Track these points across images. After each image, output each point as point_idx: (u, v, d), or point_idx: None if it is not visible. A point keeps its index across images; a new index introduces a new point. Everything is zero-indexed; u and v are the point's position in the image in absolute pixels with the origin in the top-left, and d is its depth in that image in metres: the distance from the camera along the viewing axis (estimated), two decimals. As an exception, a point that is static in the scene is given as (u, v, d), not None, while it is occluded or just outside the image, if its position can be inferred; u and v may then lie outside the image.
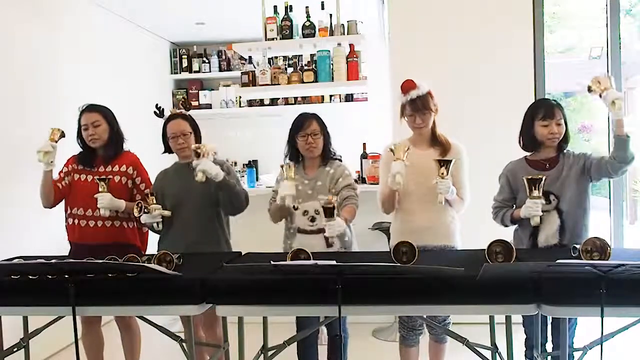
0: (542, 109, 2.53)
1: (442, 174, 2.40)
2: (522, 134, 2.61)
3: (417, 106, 2.57)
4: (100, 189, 2.70)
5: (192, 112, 2.93)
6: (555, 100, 2.60)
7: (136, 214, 2.68)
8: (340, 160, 2.84)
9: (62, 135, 2.80)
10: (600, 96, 2.35)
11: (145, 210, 2.66)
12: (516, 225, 2.63)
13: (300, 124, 2.73)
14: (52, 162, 2.75)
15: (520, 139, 2.63)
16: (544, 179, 2.37)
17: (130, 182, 2.89)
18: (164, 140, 2.85)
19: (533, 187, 2.36)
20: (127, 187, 2.88)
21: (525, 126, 2.59)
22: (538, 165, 2.56)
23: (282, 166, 2.65)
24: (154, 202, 2.69)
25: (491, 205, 2.67)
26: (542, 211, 2.45)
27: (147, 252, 2.95)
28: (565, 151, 2.58)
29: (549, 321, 2.62)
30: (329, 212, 2.43)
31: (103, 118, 2.86)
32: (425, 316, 2.42)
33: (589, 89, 2.39)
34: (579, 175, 2.50)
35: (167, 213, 2.72)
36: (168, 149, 2.87)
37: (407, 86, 2.59)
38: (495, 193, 2.68)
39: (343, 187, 2.71)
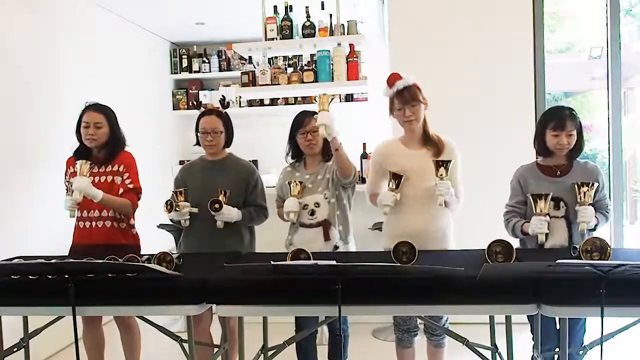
0: (554, 119, 2.49)
1: (442, 175, 2.39)
2: (536, 140, 2.59)
3: (405, 98, 2.54)
4: (80, 172, 2.64)
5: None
6: (570, 109, 2.52)
7: (166, 212, 2.68)
8: None
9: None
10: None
11: (176, 208, 2.66)
12: (523, 237, 2.61)
13: (300, 121, 2.75)
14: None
15: (534, 144, 2.61)
16: (550, 195, 2.37)
17: (119, 179, 2.86)
18: (197, 133, 2.84)
19: (539, 204, 2.36)
20: (115, 184, 2.84)
21: (537, 132, 2.57)
22: (549, 171, 2.53)
23: (289, 183, 2.68)
24: (183, 199, 2.70)
25: (504, 212, 2.62)
26: (552, 217, 2.45)
27: (146, 253, 2.95)
28: (577, 160, 2.55)
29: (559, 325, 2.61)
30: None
31: (106, 121, 2.85)
32: (423, 315, 2.41)
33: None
34: None
35: (195, 210, 2.73)
36: (199, 142, 2.86)
37: (393, 78, 2.58)
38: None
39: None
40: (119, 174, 2.87)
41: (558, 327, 2.58)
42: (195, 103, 2.95)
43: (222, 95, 3.21)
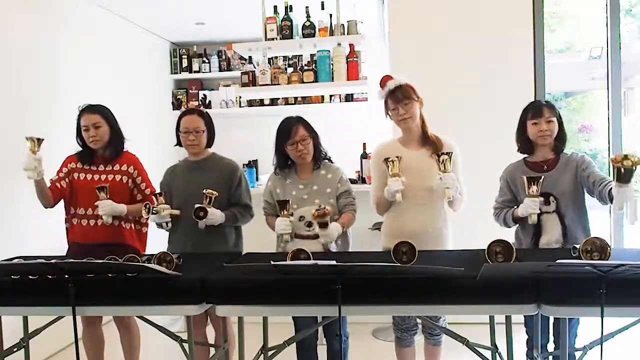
0: (531, 109, 2.56)
1: (445, 163, 2.37)
2: (517, 137, 2.64)
3: (397, 97, 2.55)
4: (100, 198, 2.70)
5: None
6: (546, 101, 2.62)
7: (144, 215, 2.67)
8: (331, 161, 2.81)
9: (41, 141, 2.71)
10: (619, 171, 2.13)
11: (154, 211, 2.65)
12: (517, 227, 2.63)
13: (287, 132, 2.66)
14: (40, 172, 2.70)
15: (517, 142, 2.64)
16: (542, 177, 2.40)
17: (130, 181, 2.89)
18: (177, 133, 2.83)
19: (531, 186, 2.38)
20: (128, 186, 2.88)
21: (518, 128, 2.62)
22: (537, 166, 2.57)
23: (279, 202, 2.57)
24: (163, 202, 2.69)
25: (492, 207, 2.67)
26: (543, 212, 2.46)
27: (146, 253, 2.95)
28: (563, 152, 2.58)
29: (552, 321, 2.62)
30: (322, 224, 2.43)
31: (104, 119, 2.85)
32: (422, 315, 2.41)
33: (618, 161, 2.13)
34: (576, 177, 2.51)
35: (176, 212, 2.71)
36: (180, 142, 2.85)
37: (385, 79, 2.61)
38: (496, 193, 2.68)
39: (341, 193, 2.71)
40: (128, 174, 2.88)
41: (550, 321, 2.61)
42: (175, 103, 2.94)
43: (204, 94, 3.21)
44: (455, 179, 2.40)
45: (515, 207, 2.54)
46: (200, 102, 2.91)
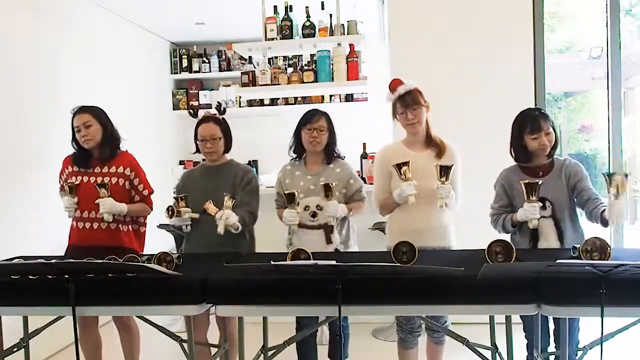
0: (529, 124, 2.53)
1: (443, 180, 2.44)
2: (513, 147, 2.63)
3: (406, 102, 2.60)
4: (101, 195, 2.70)
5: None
6: (539, 109, 2.61)
7: (167, 217, 2.71)
8: (343, 160, 2.85)
9: (78, 187, 2.78)
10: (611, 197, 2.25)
11: (177, 213, 2.68)
12: (514, 230, 2.62)
13: (309, 117, 2.78)
14: (76, 209, 2.78)
15: (511, 151, 2.64)
16: (540, 182, 2.40)
17: (127, 183, 2.87)
18: (195, 140, 2.86)
19: (530, 192, 2.38)
20: (125, 188, 2.86)
21: (514, 140, 2.61)
22: (532, 172, 2.57)
23: (286, 195, 2.61)
24: (184, 205, 2.71)
25: (489, 214, 2.67)
26: (540, 217, 2.46)
27: (145, 253, 2.95)
28: (557, 157, 2.59)
29: (552, 327, 2.62)
30: (327, 191, 2.54)
31: (94, 118, 2.83)
32: (424, 316, 2.42)
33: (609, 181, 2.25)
34: (568, 186, 2.53)
35: (196, 216, 2.73)
36: (198, 149, 2.88)
37: (395, 83, 2.64)
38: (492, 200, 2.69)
39: (355, 191, 2.78)
40: (125, 177, 2.86)
41: (551, 326, 2.61)
42: (192, 111, 2.95)
43: (218, 102, 3.22)
44: (450, 190, 2.46)
45: (513, 212, 2.55)
46: (217, 109, 2.91)
